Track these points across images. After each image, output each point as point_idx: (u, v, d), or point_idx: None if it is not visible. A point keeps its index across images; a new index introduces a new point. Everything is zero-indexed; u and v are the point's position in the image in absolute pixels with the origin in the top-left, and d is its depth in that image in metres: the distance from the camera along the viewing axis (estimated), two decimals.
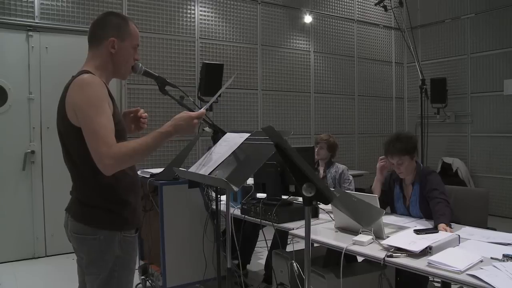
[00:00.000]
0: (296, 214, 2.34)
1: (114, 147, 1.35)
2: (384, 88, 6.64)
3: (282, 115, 5.56)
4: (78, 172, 1.46)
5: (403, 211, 2.47)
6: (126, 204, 1.49)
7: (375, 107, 6.54)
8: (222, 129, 1.84)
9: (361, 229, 1.94)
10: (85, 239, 1.45)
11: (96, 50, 1.52)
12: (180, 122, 1.52)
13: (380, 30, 6.58)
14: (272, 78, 5.45)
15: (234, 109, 5.15)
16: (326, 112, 5.98)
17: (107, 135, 1.35)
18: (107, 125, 1.37)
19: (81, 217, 1.47)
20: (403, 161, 2.35)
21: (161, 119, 4.60)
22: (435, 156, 6.01)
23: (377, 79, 6.54)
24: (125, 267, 1.48)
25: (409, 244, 1.74)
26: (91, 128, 1.35)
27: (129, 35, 1.53)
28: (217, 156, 1.55)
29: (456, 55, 6.09)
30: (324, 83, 5.95)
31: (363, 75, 6.35)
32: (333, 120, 6.05)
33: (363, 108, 6.39)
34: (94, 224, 1.44)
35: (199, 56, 4.88)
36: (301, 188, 1.20)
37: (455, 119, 6.08)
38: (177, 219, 2.85)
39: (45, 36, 4.07)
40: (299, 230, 2.17)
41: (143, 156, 1.43)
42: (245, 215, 2.54)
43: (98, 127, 1.35)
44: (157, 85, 1.72)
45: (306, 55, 5.77)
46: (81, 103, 1.37)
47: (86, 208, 1.46)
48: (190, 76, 4.83)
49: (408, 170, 2.38)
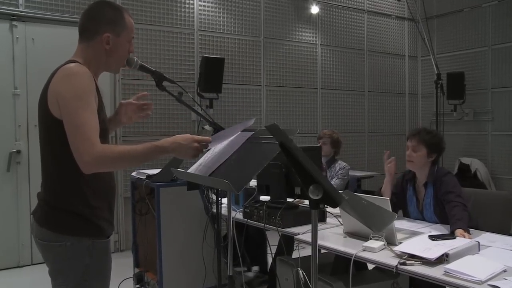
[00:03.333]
0: (302, 218, 2.34)
1: (98, 146, 1.33)
2: (397, 84, 6.62)
3: (287, 112, 5.56)
4: (54, 169, 1.42)
5: (417, 215, 2.47)
6: (98, 209, 1.46)
7: (386, 104, 6.52)
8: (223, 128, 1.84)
9: (371, 235, 1.93)
10: (50, 246, 1.41)
11: (88, 44, 1.50)
12: (180, 141, 1.44)
13: (392, 21, 6.56)
14: (276, 73, 5.45)
15: (236, 106, 5.16)
16: (334, 109, 5.97)
17: (91, 131, 1.33)
18: (92, 121, 1.35)
19: (45, 221, 1.43)
20: (419, 150, 2.37)
21: (158, 117, 4.62)
22: (451, 157, 5.99)
23: (388, 74, 6.52)
24: (97, 276, 1.45)
25: (423, 250, 1.73)
26: (74, 122, 1.33)
27: (125, 29, 1.52)
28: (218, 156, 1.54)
29: (475, 47, 6.06)
30: (332, 79, 5.94)
31: (373, 70, 6.34)
32: (342, 117, 6.04)
33: (374, 105, 6.37)
34: (60, 230, 1.40)
35: (199, 49, 4.88)
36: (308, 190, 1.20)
37: (474, 116, 6.06)
38: (175, 223, 2.86)
39: (31, 27, 4.03)
40: (305, 235, 2.16)
41: (128, 164, 1.41)
42: (248, 219, 2.53)
43: (82, 122, 1.33)
44: (154, 80, 1.72)
45: (313, 48, 5.76)
46: (65, 93, 1.35)
47: (52, 211, 1.42)
48: (189, 71, 4.84)
49: (417, 163, 2.38)
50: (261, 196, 2.73)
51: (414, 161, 2.38)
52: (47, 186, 1.46)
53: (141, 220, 3.18)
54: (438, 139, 2.41)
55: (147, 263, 3.14)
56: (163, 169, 2.96)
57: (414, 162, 2.39)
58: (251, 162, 1.48)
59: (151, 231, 3.02)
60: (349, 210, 1.35)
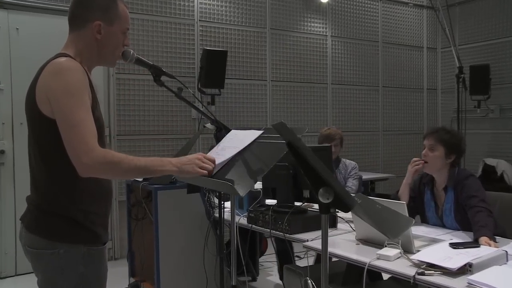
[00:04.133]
0: (311, 224, 2.35)
1: (97, 149, 1.33)
2: (414, 78, 6.60)
3: (294, 109, 5.56)
4: (45, 171, 1.42)
5: (436, 221, 2.46)
6: (93, 214, 1.46)
7: (402, 100, 6.50)
8: (226, 126, 1.85)
9: (386, 242, 1.93)
10: (41, 254, 1.41)
11: (78, 33, 1.50)
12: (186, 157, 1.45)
13: (409, 10, 6.54)
14: (283, 67, 5.45)
15: (240, 102, 5.17)
16: (345, 106, 5.96)
17: (88, 131, 1.34)
18: (87, 120, 1.36)
19: (35, 227, 1.43)
20: (436, 150, 2.35)
21: (155, 114, 4.64)
22: (475, 157, 5.95)
23: (405, 67, 6.50)
24: (92, 285, 1.45)
25: (444, 260, 1.72)
26: (69, 121, 1.33)
27: (118, 18, 1.51)
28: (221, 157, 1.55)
29: (501, 37, 6.02)
30: (343, 73, 5.94)
31: (389, 63, 6.32)
32: (354, 115, 6.03)
33: (389, 102, 6.36)
34: (52, 236, 1.40)
35: (199, 41, 4.90)
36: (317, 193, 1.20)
37: (500, 113, 6.01)
38: (174, 229, 2.87)
39: (15, 15, 4.00)
40: (314, 242, 2.16)
41: (127, 174, 1.42)
42: (253, 224, 2.54)
43: (77, 121, 1.33)
44: (151, 75, 1.73)
45: (323, 40, 5.76)
46: (57, 91, 1.35)
47: (43, 216, 1.42)
48: (188, 64, 4.85)
49: (434, 164, 2.37)
50: (267, 200, 2.73)
51: (430, 161, 2.37)
52: (38, 189, 1.46)
53: (137, 225, 3.20)
54: (458, 139, 2.40)
55: (144, 272, 3.16)
56: None
57: (429, 163, 2.37)
58: (256, 163, 1.49)
59: (148, 238, 3.04)
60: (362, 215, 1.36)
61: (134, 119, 4.55)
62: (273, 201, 2.62)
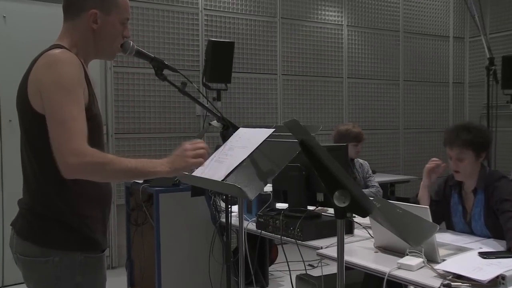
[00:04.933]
0: (326, 230, 2.35)
1: (85, 147, 1.33)
2: (438, 71, 6.56)
3: (307, 106, 5.55)
4: (39, 172, 1.42)
5: (463, 228, 2.45)
6: (91, 219, 1.47)
7: (426, 95, 6.46)
8: (234, 124, 1.86)
9: (408, 249, 1.93)
10: (34, 262, 1.41)
11: (73, 23, 1.51)
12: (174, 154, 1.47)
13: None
14: (295, 59, 5.45)
15: (248, 98, 5.18)
16: (362, 102, 5.94)
17: (77, 130, 1.34)
18: (79, 118, 1.36)
19: (27, 233, 1.43)
20: (465, 157, 2.31)
21: (157, 111, 4.66)
22: (507, 158, 5.89)
23: (429, 59, 6.46)
24: None
25: (473, 270, 1.71)
26: (58, 116, 1.33)
27: (116, 6, 1.52)
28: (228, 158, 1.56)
29: None
30: (361, 66, 5.91)
31: (410, 55, 6.28)
32: (372, 111, 6.01)
33: (410, 97, 6.32)
34: (47, 243, 1.40)
35: (204, 32, 4.91)
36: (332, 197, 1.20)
37: None
38: (176, 235, 2.89)
39: (2, 2, 3.96)
40: (329, 249, 2.17)
41: (116, 177, 1.43)
42: (262, 230, 2.55)
43: (67, 118, 1.33)
44: (153, 68, 1.74)
45: (338, 30, 5.75)
46: (48, 84, 1.36)
47: (36, 221, 1.42)
48: (193, 57, 4.87)
49: (467, 171, 2.34)
50: (277, 204, 2.74)
51: (462, 171, 2.34)
52: (30, 191, 1.46)
53: (137, 231, 3.22)
54: (483, 134, 2.34)
55: (144, 282, 3.18)
56: None
57: (461, 172, 2.34)
58: (266, 164, 1.49)
59: (148, 245, 3.05)
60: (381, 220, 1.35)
61: (133, 116, 4.58)
62: (284, 205, 2.62)
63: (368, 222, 2.34)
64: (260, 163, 1.50)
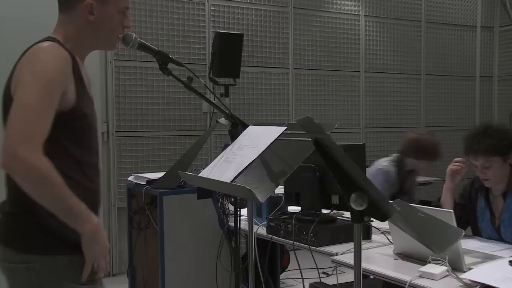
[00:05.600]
0: (341, 235, 2.35)
1: (39, 149, 1.29)
2: (464, 64, 6.51)
3: (321, 102, 5.54)
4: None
5: (491, 234, 2.43)
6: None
7: (450, 90, 6.42)
8: (243, 121, 1.86)
9: (430, 257, 1.92)
10: (16, 269, 1.41)
11: (68, 15, 1.51)
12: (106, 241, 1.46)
13: None
14: (308, 52, 5.44)
15: (258, 94, 5.18)
16: (381, 98, 5.92)
17: (40, 123, 1.31)
18: (45, 114, 1.34)
19: (6, 239, 1.43)
20: (492, 163, 2.29)
21: (160, 108, 4.68)
22: None
23: (453, 51, 6.42)
24: None
25: (502, 281, 1.69)
26: (23, 101, 1.32)
27: None
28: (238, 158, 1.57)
29: None
30: (379, 59, 5.89)
31: (433, 47, 6.24)
32: (391, 108, 5.99)
33: (433, 92, 6.28)
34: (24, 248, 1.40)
35: (211, 23, 4.92)
36: (349, 199, 1.20)
37: None
38: (182, 240, 2.90)
39: None
40: (345, 255, 2.17)
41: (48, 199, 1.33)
42: (273, 235, 2.55)
43: (33, 106, 1.31)
44: (157, 62, 1.75)
45: (355, 20, 5.73)
46: (25, 74, 1.35)
47: (14, 225, 1.42)
48: (199, 50, 4.89)
49: (497, 177, 2.33)
50: (290, 207, 2.74)
51: (492, 178, 2.32)
52: (9, 193, 1.46)
53: (139, 236, 3.24)
54: (505, 136, 2.31)
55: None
56: (168, 173, 3.00)
57: (491, 179, 2.32)
58: (278, 164, 1.49)
59: (151, 250, 3.07)
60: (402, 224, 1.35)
61: (135, 113, 4.60)
62: (297, 208, 2.62)
63: (387, 227, 2.33)
64: (271, 164, 1.50)
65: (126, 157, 4.55)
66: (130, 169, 4.40)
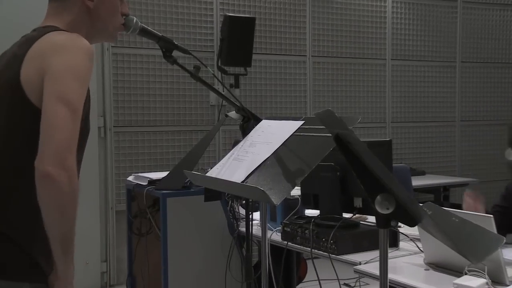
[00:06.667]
0: (365, 242, 2.35)
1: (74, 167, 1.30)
2: (506, 49, 6.45)
3: (343, 93, 5.53)
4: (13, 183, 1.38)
5: None
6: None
7: (489, 80, 6.37)
8: (255, 115, 1.87)
9: (467, 267, 1.91)
10: None
11: (62, 3, 1.51)
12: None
13: None
14: (327, 38, 5.43)
15: (272, 84, 5.18)
16: (409, 89, 5.89)
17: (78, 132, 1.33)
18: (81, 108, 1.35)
19: None
20: None
21: (164, 100, 4.69)
22: None
23: (494, 35, 6.36)
24: None
25: None
26: (68, 101, 1.30)
27: None
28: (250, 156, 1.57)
29: None
30: (408, 45, 5.86)
31: (470, 30, 6.20)
32: (421, 100, 5.96)
33: (470, 82, 6.24)
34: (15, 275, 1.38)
35: (219, 6, 4.93)
36: (373, 202, 1.20)
37: None
38: (187, 246, 2.91)
39: None
40: (369, 265, 2.16)
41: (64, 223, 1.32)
42: (288, 241, 2.55)
43: (78, 108, 1.33)
44: (160, 49, 1.76)
45: (380, 1, 5.70)
46: (61, 69, 1.34)
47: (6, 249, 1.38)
48: (206, 36, 4.90)
49: None
50: (307, 210, 2.74)
51: None
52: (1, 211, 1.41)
53: (140, 242, 3.26)
54: None
55: None
56: (172, 172, 3.02)
57: None
58: (294, 163, 1.50)
59: (153, 258, 3.09)
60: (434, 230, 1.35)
61: (135, 106, 4.63)
62: (315, 211, 2.62)
63: (416, 233, 2.33)
64: (287, 162, 1.51)
65: (125, 154, 4.57)
66: (129, 168, 4.43)
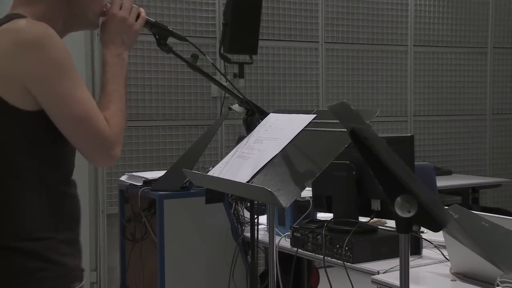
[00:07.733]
0: (384, 248, 2.35)
1: (110, 135, 1.47)
2: None
3: (359, 83, 5.53)
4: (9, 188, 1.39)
5: None
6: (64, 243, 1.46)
7: None
8: (261, 108, 1.87)
9: (499, 278, 1.91)
10: None
11: None
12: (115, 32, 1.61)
13: None
14: (342, 22, 5.42)
15: (280, 74, 5.18)
16: (434, 78, 5.87)
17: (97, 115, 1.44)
18: (90, 100, 1.44)
19: None
20: None
21: (160, 91, 4.70)
22: None
23: None
24: None
25: None
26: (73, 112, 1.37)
27: None
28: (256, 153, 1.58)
29: None
30: (432, 29, 5.84)
31: (504, 13, 6.17)
32: (447, 91, 5.95)
33: (503, 70, 6.22)
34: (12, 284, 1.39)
35: None
36: (393, 204, 1.20)
37: None
38: (186, 254, 2.92)
39: None
40: (388, 274, 2.16)
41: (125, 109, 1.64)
42: (298, 248, 2.56)
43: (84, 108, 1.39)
44: (154, 36, 1.76)
45: None
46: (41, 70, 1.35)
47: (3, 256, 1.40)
48: (207, 20, 4.89)
49: None
50: (319, 213, 2.75)
51: None
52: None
53: (134, 249, 3.27)
54: None
55: None
56: (170, 171, 3.02)
57: None
58: (304, 162, 1.50)
59: (150, 265, 3.10)
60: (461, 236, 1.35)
61: (129, 98, 4.62)
62: (328, 215, 2.62)
63: (441, 239, 2.32)
64: (296, 160, 1.51)
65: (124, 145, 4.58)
66: (122, 166, 4.44)
